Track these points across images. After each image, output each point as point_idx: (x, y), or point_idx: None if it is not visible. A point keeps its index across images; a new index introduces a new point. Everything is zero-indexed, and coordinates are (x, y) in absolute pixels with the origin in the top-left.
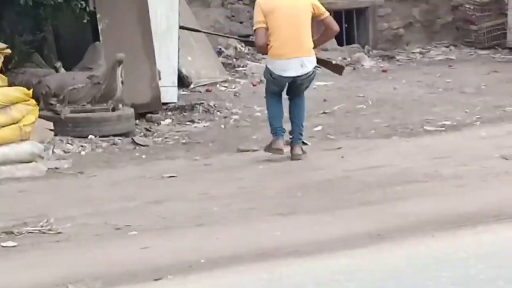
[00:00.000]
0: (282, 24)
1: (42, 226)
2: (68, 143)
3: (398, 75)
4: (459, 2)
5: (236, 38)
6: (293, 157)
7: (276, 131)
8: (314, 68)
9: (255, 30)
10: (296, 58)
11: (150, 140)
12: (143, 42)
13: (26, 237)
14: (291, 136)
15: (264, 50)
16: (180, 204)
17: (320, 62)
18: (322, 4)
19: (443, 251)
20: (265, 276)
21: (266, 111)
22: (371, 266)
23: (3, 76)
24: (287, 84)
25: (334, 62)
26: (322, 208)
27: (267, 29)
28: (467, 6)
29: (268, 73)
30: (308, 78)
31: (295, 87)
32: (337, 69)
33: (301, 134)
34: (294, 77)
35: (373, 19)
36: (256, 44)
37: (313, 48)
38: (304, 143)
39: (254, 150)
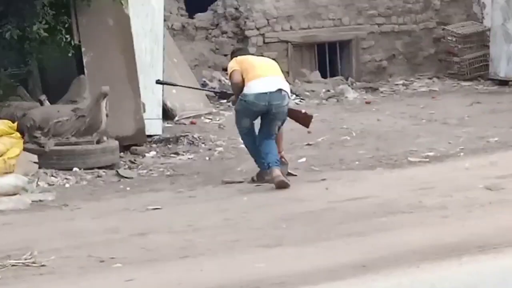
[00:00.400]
0: (255, 62)
1: (26, 259)
2: (52, 175)
3: (382, 107)
4: (441, 34)
5: (211, 91)
6: (276, 179)
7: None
8: (289, 99)
9: (230, 74)
10: (271, 77)
11: (135, 173)
12: (128, 75)
13: (9, 270)
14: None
15: (239, 87)
16: (165, 236)
17: (289, 112)
18: (305, 36)
19: (428, 282)
20: None
21: (250, 155)
22: None
23: None
24: (259, 117)
25: (303, 111)
26: (307, 240)
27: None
28: (449, 38)
29: (242, 100)
30: (281, 108)
31: (269, 119)
32: (305, 120)
33: (278, 159)
34: (269, 97)
35: (356, 52)
36: (233, 81)
37: None
38: (291, 174)
39: (238, 182)
